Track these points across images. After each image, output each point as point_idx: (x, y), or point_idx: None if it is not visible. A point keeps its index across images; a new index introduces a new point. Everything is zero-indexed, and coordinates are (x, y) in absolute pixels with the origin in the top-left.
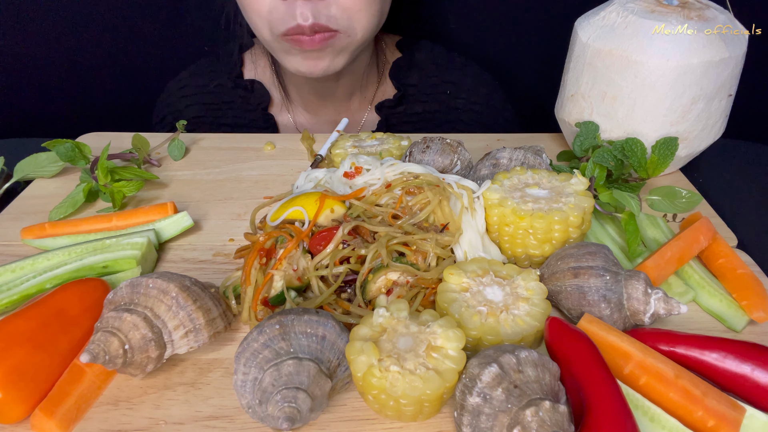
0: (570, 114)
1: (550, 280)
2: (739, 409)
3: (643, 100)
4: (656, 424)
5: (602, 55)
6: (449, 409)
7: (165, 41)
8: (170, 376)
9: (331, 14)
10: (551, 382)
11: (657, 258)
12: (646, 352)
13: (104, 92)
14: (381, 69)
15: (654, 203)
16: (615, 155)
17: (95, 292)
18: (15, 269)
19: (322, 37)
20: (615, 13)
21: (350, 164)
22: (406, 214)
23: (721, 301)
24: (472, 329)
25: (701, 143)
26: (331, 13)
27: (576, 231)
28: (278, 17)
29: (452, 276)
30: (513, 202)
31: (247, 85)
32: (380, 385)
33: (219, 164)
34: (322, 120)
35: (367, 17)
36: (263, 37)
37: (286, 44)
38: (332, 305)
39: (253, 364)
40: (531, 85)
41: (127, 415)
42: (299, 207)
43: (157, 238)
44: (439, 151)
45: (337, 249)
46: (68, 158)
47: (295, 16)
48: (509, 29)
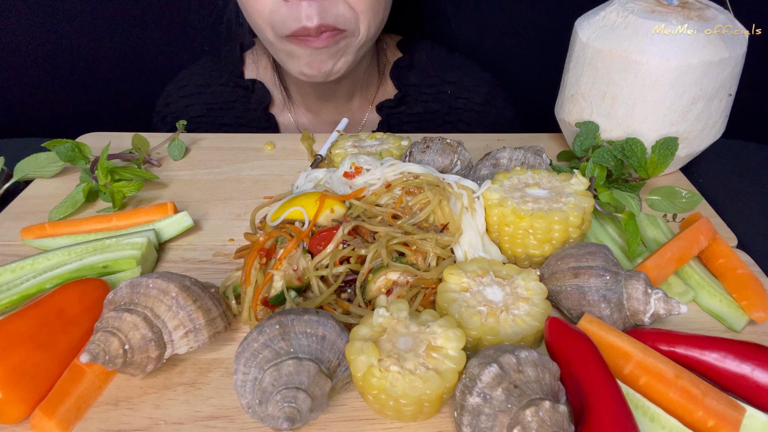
0: (570, 114)
1: (550, 280)
2: (739, 409)
3: (643, 100)
4: (656, 424)
5: (602, 55)
6: (449, 409)
7: (165, 41)
8: (170, 376)
9: (339, 13)
10: (551, 382)
11: (657, 258)
12: (646, 352)
13: (104, 92)
14: (382, 69)
15: (654, 203)
16: (615, 155)
17: (95, 292)
18: (15, 269)
19: (330, 35)
20: (615, 13)
21: (350, 164)
22: (406, 214)
23: (721, 301)
24: (472, 329)
25: (701, 143)
26: (339, 12)
27: (576, 231)
28: (281, 19)
29: (452, 276)
30: (513, 202)
31: (248, 85)
32: (380, 385)
33: (219, 164)
34: (323, 120)
35: (372, 16)
36: (266, 38)
37: (290, 46)
38: (332, 305)
39: (253, 364)
40: (531, 85)
41: (127, 415)
42: (299, 207)
43: (157, 238)
44: (439, 151)
45: (337, 249)
46: (68, 158)
47: (300, 18)
48: (509, 29)
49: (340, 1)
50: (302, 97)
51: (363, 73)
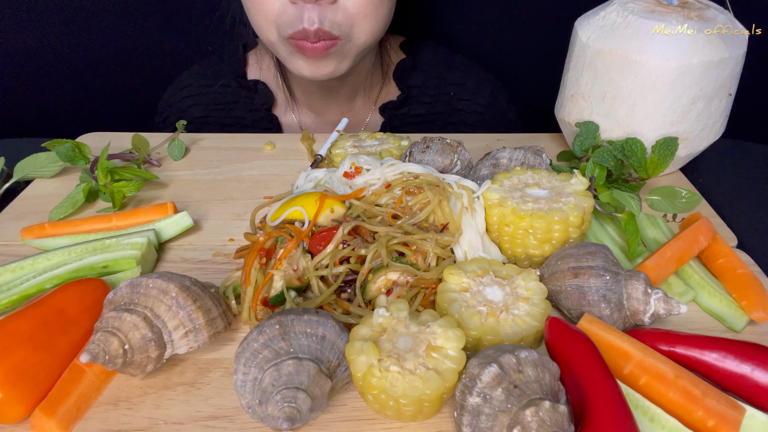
0: (570, 114)
1: (550, 280)
2: (739, 409)
3: (643, 100)
4: (656, 424)
5: (602, 55)
6: (449, 409)
7: (166, 40)
8: (170, 376)
9: (337, 20)
10: (551, 382)
11: (657, 258)
12: (646, 352)
13: (104, 92)
14: (385, 70)
15: (654, 203)
16: (615, 155)
17: (95, 292)
18: (15, 269)
19: (324, 46)
20: (615, 13)
21: (350, 164)
22: (406, 214)
23: (721, 301)
24: (472, 329)
25: (701, 143)
26: (337, 19)
27: (576, 231)
28: (286, 20)
29: (452, 276)
30: (513, 202)
31: (251, 86)
32: (380, 385)
33: (219, 164)
34: (326, 120)
35: (371, 23)
36: (269, 39)
37: (291, 47)
38: (332, 305)
39: (253, 364)
40: (531, 85)
41: (127, 415)
42: (299, 207)
43: (157, 238)
44: (439, 151)
45: (337, 249)
46: (68, 158)
47: (303, 19)
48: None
49: (340, 9)
50: (305, 96)
51: (366, 73)
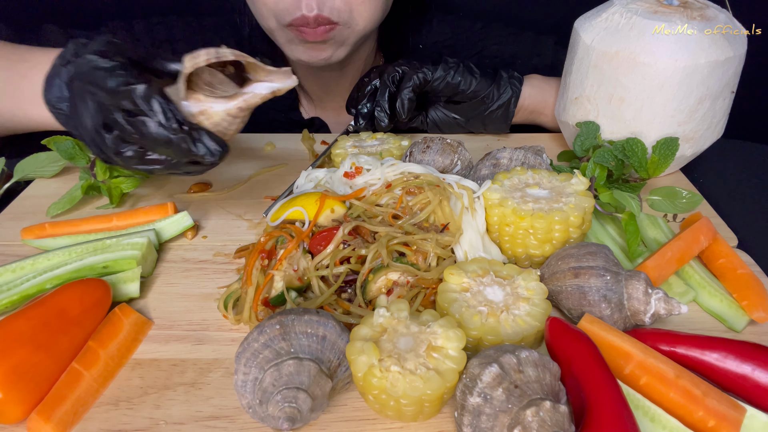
0: (574, 116)
1: (551, 280)
2: (739, 409)
3: (651, 101)
4: (657, 424)
5: (608, 56)
6: (450, 409)
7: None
8: (170, 376)
9: (335, 6)
10: (552, 382)
11: (657, 258)
12: (646, 352)
13: None
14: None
15: (654, 203)
16: (615, 155)
17: (95, 293)
18: (15, 269)
19: (324, 30)
20: (618, 14)
21: (350, 164)
22: (407, 214)
23: (721, 301)
24: (473, 329)
25: (706, 142)
26: (336, 5)
27: (576, 231)
28: (285, 7)
29: (452, 276)
30: (513, 202)
31: None
32: (381, 385)
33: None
34: (329, 115)
35: (369, 10)
36: (268, 26)
37: (290, 34)
38: (333, 305)
39: (253, 364)
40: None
41: (127, 415)
42: (299, 207)
43: (157, 238)
44: (440, 151)
45: (338, 249)
46: (69, 156)
47: (301, 6)
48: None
49: None
50: (307, 88)
51: (365, 61)
